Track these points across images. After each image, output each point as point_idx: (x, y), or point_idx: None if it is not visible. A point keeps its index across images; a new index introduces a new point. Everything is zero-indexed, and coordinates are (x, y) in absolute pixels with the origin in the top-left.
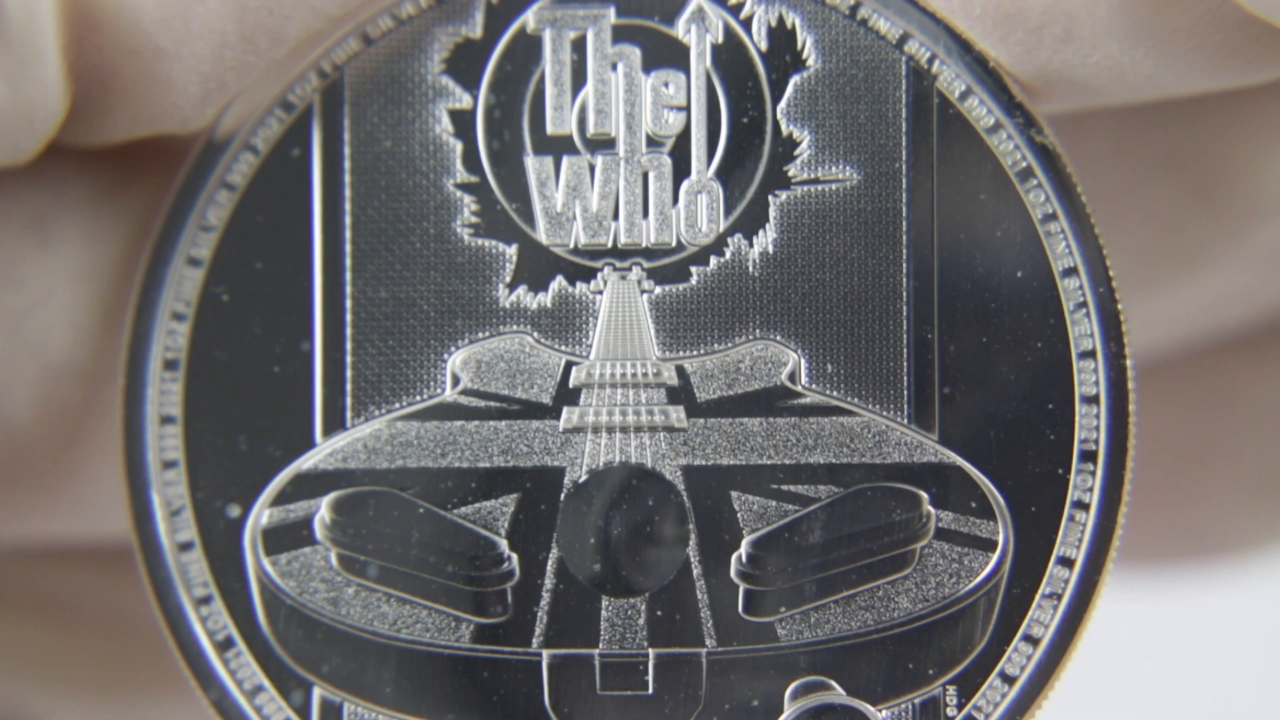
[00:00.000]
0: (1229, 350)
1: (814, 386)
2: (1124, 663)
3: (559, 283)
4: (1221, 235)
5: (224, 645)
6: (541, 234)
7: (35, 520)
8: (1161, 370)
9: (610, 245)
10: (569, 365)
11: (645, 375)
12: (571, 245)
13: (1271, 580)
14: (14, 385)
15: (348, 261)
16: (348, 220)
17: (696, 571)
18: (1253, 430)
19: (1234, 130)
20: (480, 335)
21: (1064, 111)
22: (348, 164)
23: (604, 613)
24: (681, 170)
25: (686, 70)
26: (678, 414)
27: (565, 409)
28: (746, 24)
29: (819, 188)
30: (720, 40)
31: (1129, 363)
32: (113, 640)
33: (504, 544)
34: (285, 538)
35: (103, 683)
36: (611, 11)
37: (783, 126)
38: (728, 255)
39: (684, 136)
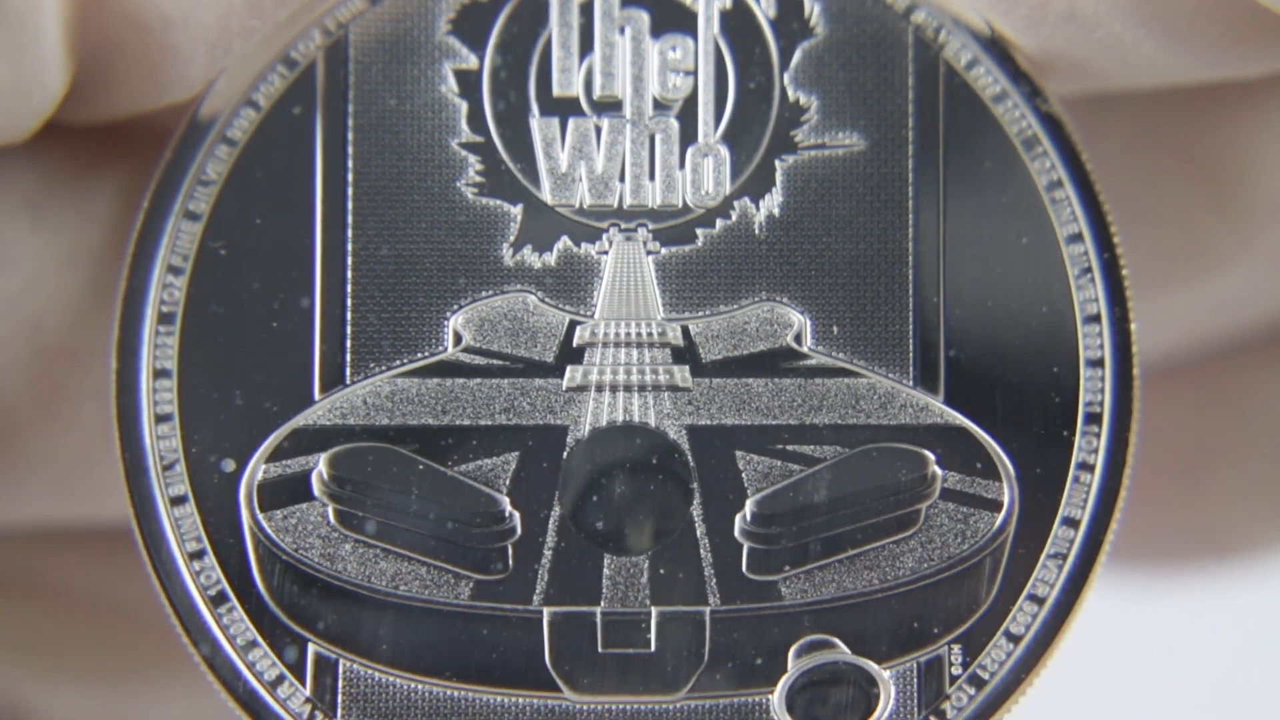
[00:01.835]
0: (1236, 353)
1: (819, 348)
2: (1123, 663)
3: (564, 243)
4: (1231, 237)
5: (216, 600)
6: (546, 194)
7: (31, 504)
8: (1169, 373)
9: (616, 206)
10: (573, 325)
11: (650, 335)
12: (577, 206)
13: (1277, 581)
14: (8, 368)
15: (349, 218)
16: (350, 177)
17: (700, 530)
18: (1259, 433)
19: (1244, 133)
20: (483, 294)
21: (1069, 94)
22: (351, 122)
23: (606, 570)
24: (688, 134)
25: (694, 35)
26: (682, 373)
27: (569, 368)
28: None
29: (825, 153)
30: (729, 6)
31: (1133, 326)
32: (109, 626)
33: (505, 501)
34: (281, 493)
35: (99, 670)
36: None
37: (790, 92)
38: (734, 218)
39: (691, 101)
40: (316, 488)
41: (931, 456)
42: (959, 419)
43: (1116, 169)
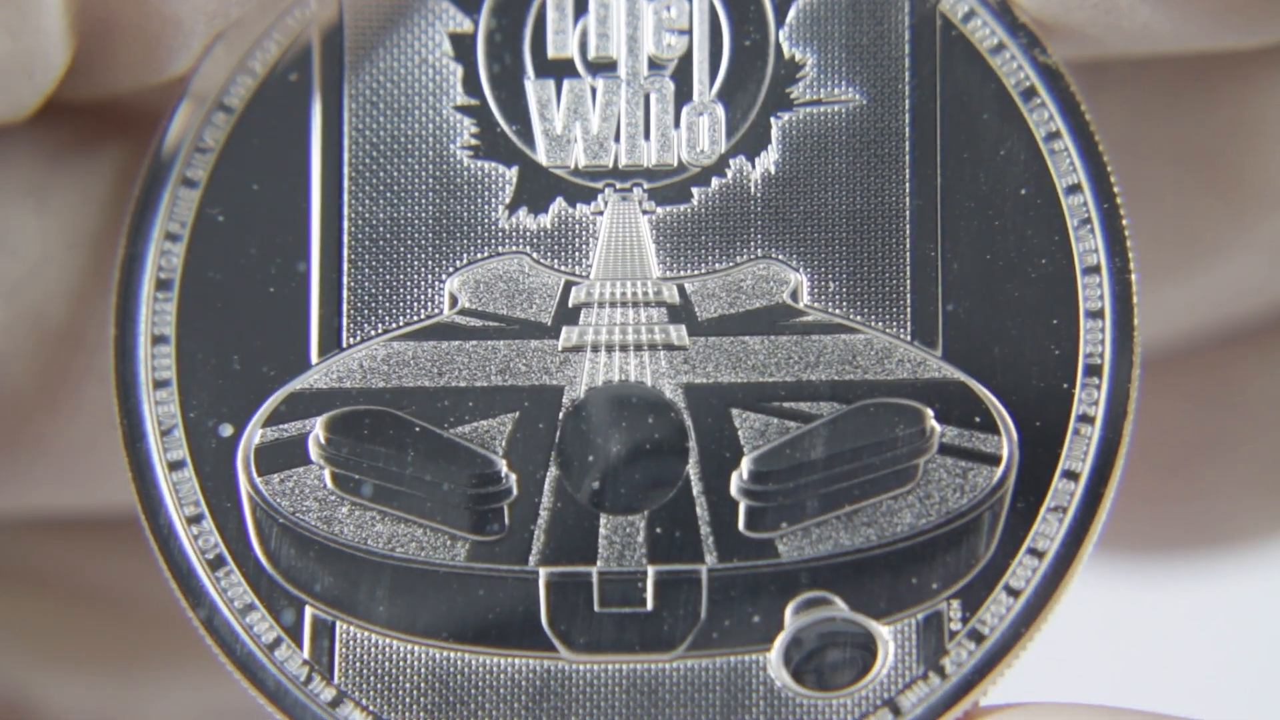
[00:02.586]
0: (1235, 342)
1: (816, 305)
2: (1121, 650)
3: (559, 204)
4: (1232, 227)
5: (215, 563)
6: (542, 156)
7: (35, 491)
8: (1167, 362)
9: (611, 167)
10: (568, 285)
11: (645, 294)
12: (572, 167)
13: (1275, 571)
14: (13, 353)
15: (345, 183)
16: (346, 142)
17: (697, 489)
18: (1258, 422)
19: (1244, 122)
20: (479, 256)
21: (1067, 59)
22: (346, 87)
23: (602, 530)
24: (683, 93)
25: None
26: (678, 332)
27: (564, 328)
28: None
29: (821, 109)
30: None
31: (1134, 277)
32: (114, 615)
33: (501, 462)
34: (278, 457)
35: (104, 659)
36: None
37: (785, 49)
38: (729, 176)
39: (686, 59)
40: (313, 451)
41: (929, 411)
42: (957, 373)
43: (1113, 159)
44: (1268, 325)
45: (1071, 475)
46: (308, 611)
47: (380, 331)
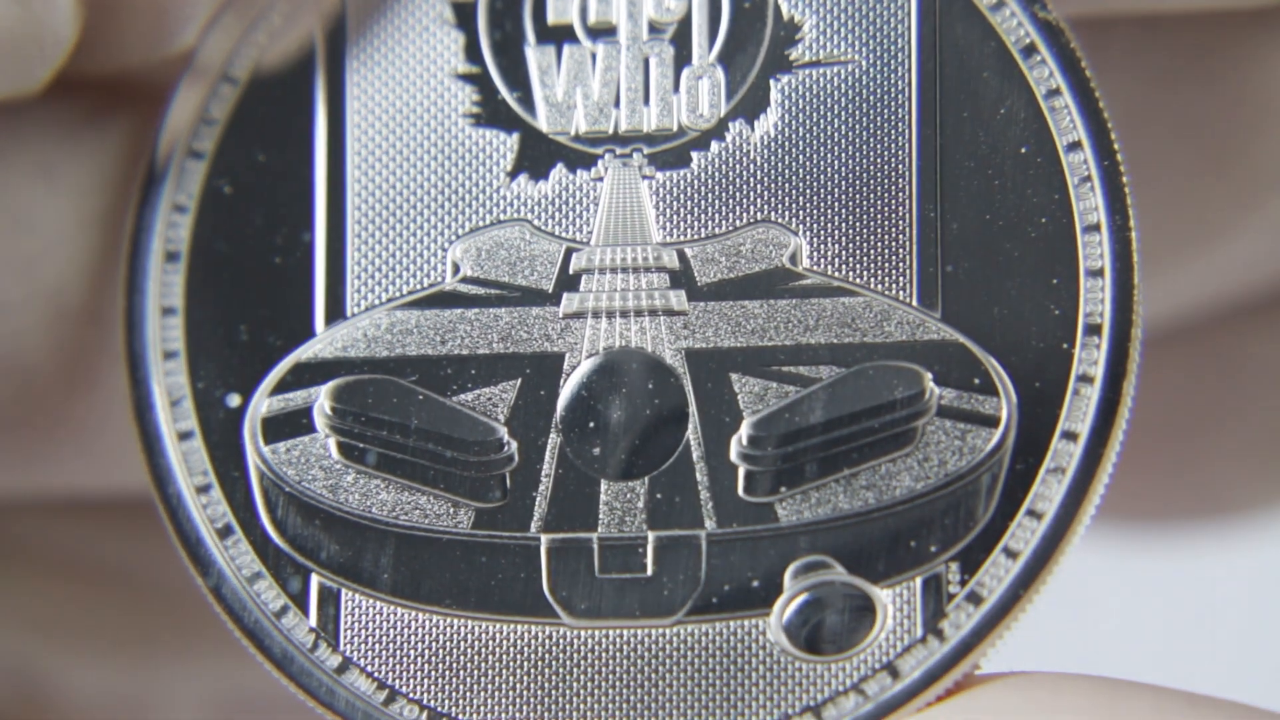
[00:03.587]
0: (1238, 315)
1: (816, 268)
2: (1122, 622)
3: (559, 170)
4: (1236, 205)
5: (223, 532)
6: (543, 122)
7: (50, 470)
8: (1167, 337)
9: (611, 132)
10: (569, 252)
11: (646, 260)
12: (573, 133)
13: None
14: (28, 330)
15: (349, 153)
16: (348, 112)
17: (696, 454)
18: (1259, 394)
19: (1250, 100)
20: (481, 224)
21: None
22: (349, 58)
23: (603, 496)
24: (683, 56)
25: None
26: (678, 297)
27: (565, 295)
28: None
29: (821, 70)
30: None
31: (1134, 235)
32: (133, 599)
33: (503, 429)
34: (285, 426)
35: (118, 641)
36: None
37: (784, 10)
38: (729, 139)
39: (685, 23)
40: (318, 420)
41: (928, 374)
42: (956, 335)
43: (1117, 135)
44: (1272, 298)
45: (1071, 436)
46: (314, 579)
47: (384, 300)
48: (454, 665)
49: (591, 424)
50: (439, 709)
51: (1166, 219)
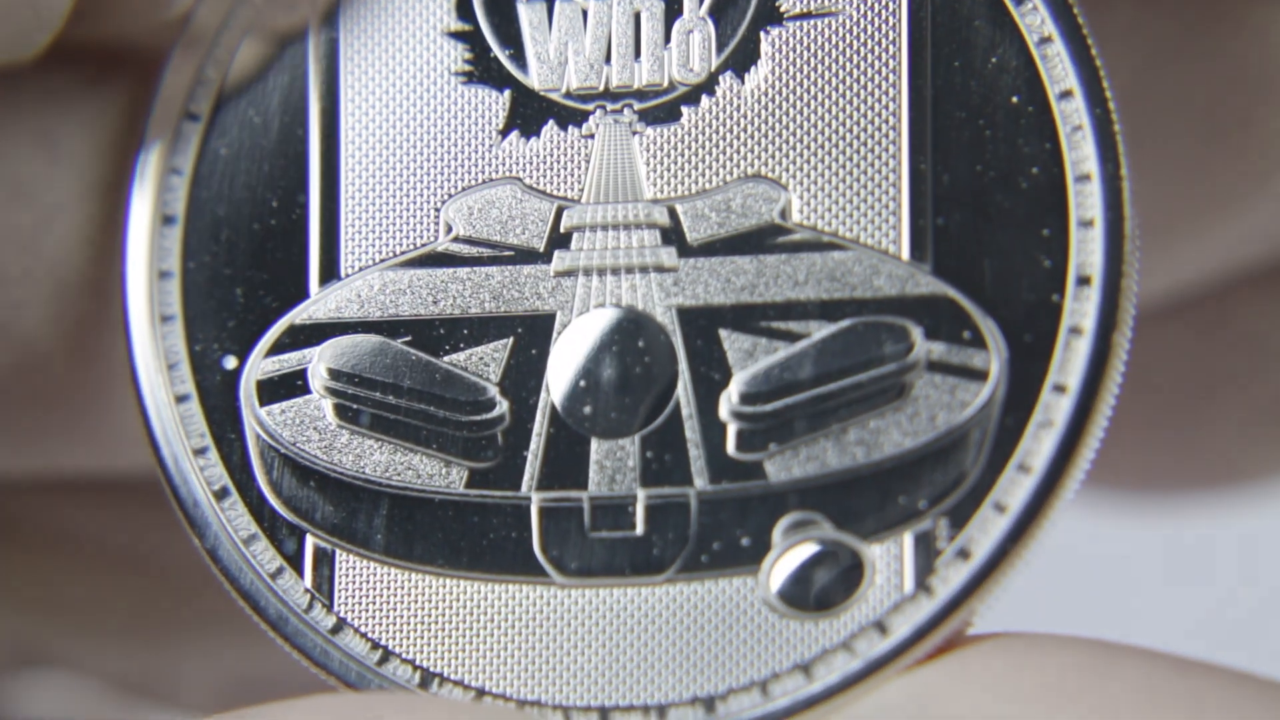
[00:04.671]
0: (1241, 285)
1: (806, 222)
2: (1115, 587)
3: (550, 128)
4: (1240, 177)
5: (219, 494)
6: (534, 79)
7: (54, 449)
8: (1174, 308)
9: (602, 88)
10: (560, 210)
11: (637, 217)
12: (564, 90)
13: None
14: (29, 303)
15: (341, 113)
16: (341, 71)
17: (686, 411)
18: (1264, 365)
19: (1252, 74)
20: (473, 183)
21: None
22: (341, 18)
23: (593, 455)
24: (673, 10)
25: None
26: (669, 254)
27: (556, 253)
28: None
29: (811, 22)
30: None
31: (1126, 184)
32: (139, 580)
33: (494, 389)
34: (280, 388)
35: (126, 623)
36: None
37: None
38: (719, 93)
39: None
40: (313, 382)
41: (917, 328)
42: (946, 288)
43: (1122, 118)
44: (1273, 268)
45: (1060, 389)
46: (309, 540)
47: (378, 261)
48: (447, 625)
49: (581, 383)
50: (432, 668)
51: (1170, 191)
